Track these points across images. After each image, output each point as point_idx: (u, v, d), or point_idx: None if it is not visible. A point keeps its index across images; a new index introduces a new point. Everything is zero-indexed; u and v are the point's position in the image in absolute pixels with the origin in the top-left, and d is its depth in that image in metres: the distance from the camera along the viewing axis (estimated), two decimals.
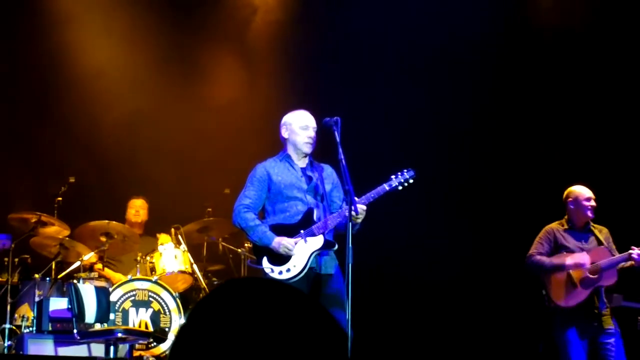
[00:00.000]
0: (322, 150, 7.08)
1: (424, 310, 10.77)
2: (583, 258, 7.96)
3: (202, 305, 1.66)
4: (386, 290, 10.77)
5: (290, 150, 7.05)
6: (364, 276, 7.08)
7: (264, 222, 6.93)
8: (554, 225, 8.27)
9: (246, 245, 10.13)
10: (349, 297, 6.24)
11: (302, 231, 6.77)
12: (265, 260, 6.83)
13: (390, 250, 10.52)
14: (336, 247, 6.74)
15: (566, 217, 8.25)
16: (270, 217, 6.95)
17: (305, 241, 6.74)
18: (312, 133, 6.96)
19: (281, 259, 6.77)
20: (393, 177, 6.81)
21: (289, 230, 6.80)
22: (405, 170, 6.84)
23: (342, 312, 6.30)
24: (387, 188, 6.77)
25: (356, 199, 6.63)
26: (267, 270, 6.78)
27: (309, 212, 6.82)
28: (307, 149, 6.98)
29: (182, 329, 1.64)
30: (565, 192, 8.30)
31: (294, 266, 6.73)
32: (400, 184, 6.78)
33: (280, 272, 6.74)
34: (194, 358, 1.58)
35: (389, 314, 10.71)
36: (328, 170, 7.05)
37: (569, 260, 7.98)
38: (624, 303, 8.22)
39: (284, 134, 7.08)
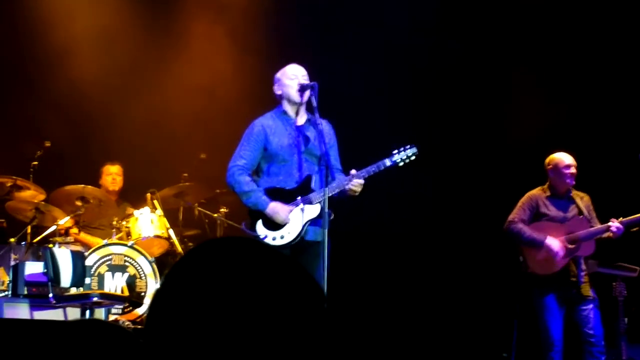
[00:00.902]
0: None
1: (403, 272, 10.79)
2: (558, 246, 8.00)
3: (180, 266, 1.66)
4: (364, 256, 10.78)
5: (286, 106, 6.99)
6: (342, 241, 7.11)
7: (258, 182, 6.90)
8: (537, 191, 8.31)
9: (222, 210, 10.16)
10: (326, 264, 6.26)
11: (299, 198, 6.77)
12: (260, 224, 6.81)
13: (370, 216, 10.56)
14: (332, 216, 6.64)
15: (548, 183, 8.31)
16: (265, 177, 6.92)
17: (303, 209, 6.75)
18: (303, 81, 6.91)
19: (276, 223, 6.76)
20: (395, 152, 6.79)
21: (286, 195, 6.79)
22: (408, 146, 6.83)
23: (319, 278, 6.29)
24: (389, 163, 6.76)
25: (354, 172, 6.64)
26: (262, 236, 6.76)
27: (308, 178, 6.80)
28: (298, 98, 6.92)
29: (159, 291, 1.64)
30: (547, 160, 8.35)
31: (289, 233, 6.73)
32: (402, 160, 6.78)
33: (274, 238, 6.73)
34: (172, 320, 1.58)
35: (366, 278, 10.73)
36: (326, 128, 6.92)
37: (549, 241, 8.02)
38: (599, 269, 8.29)
39: (277, 91, 7.02)
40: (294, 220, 6.74)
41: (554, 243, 8.01)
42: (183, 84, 11.18)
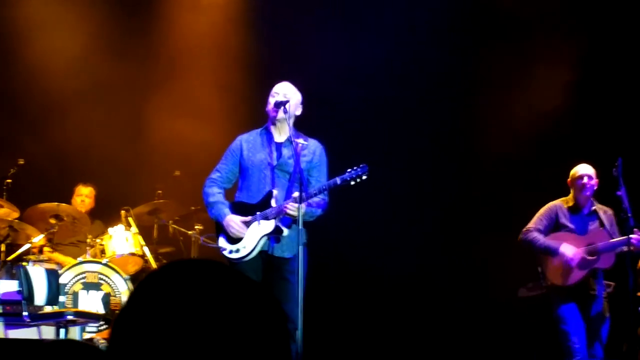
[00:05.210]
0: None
1: (384, 303, 10.78)
2: (573, 251, 7.95)
3: (143, 286, 1.67)
4: (348, 283, 10.79)
5: (271, 123, 7.09)
6: (321, 268, 7.13)
7: (235, 196, 7.03)
8: (558, 202, 8.23)
9: (196, 227, 10.15)
10: (301, 283, 6.32)
11: (258, 212, 6.83)
12: (221, 238, 6.95)
13: (352, 241, 10.58)
14: (285, 233, 6.78)
15: (570, 195, 8.26)
16: (238, 192, 7.07)
17: (259, 223, 6.80)
18: (281, 99, 6.97)
19: (235, 238, 6.87)
20: (348, 170, 6.83)
21: (248, 210, 6.89)
22: (360, 166, 6.86)
23: (291, 301, 6.34)
24: (339, 182, 6.78)
25: (296, 194, 6.66)
26: (221, 249, 6.92)
27: (269, 194, 6.86)
28: (272, 114, 6.98)
29: (123, 310, 1.66)
30: None
31: (244, 247, 6.83)
32: (352, 178, 6.78)
33: (231, 252, 6.86)
34: (135, 340, 1.60)
35: (352, 307, 10.72)
36: (311, 147, 7.03)
37: (563, 248, 7.96)
38: None
39: (267, 107, 7.14)
40: (250, 235, 6.84)
41: (568, 249, 7.93)
42: (159, 102, 11.15)
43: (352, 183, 6.77)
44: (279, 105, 6.90)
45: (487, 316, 10.29)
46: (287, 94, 6.98)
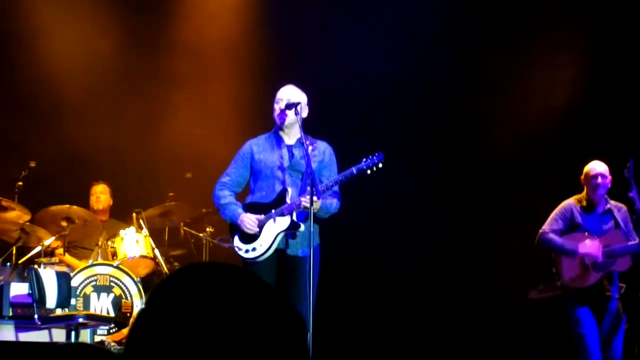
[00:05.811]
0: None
1: (398, 302, 10.76)
2: (595, 247, 7.91)
3: (160, 290, 1.66)
4: (362, 282, 10.77)
5: (278, 129, 7.10)
6: (334, 268, 7.11)
7: (246, 199, 7.03)
8: (572, 200, 8.12)
9: (208, 229, 10.14)
10: (311, 284, 6.33)
11: (273, 211, 6.82)
12: (236, 238, 6.93)
13: (366, 238, 10.57)
14: (301, 228, 6.75)
15: (584, 193, 8.14)
16: (251, 195, 7.06)
17: (274, 221, 6.79)
18: (283, 105, 6.98)
19: (250, 237, 6.85)
20: (363, 160, 6.82)
21: (262, 209, 6.88)
22: (375, 154, 6.86)
23: (303, 303, 6.34)
24: (355, 171, 6.79)
25: (308, 189, 6.66)
26: (236, 249, 6.91)
27: (283, 192, 6.86)
28: (277, 121, 7.01)
29: (140, 314, 1.65)
30: None
31: (260, 245, 6.80)
32: (368, 167, 6.77)
33: (247, 251, 6.84)
34: (152, 343, 1.58)
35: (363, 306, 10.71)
36: (321, 148, 7.06)
37: (582, 248, 7.90)
38: None
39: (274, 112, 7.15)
40: (266, 232, 6.83)
41: (589, 248, 7.86)
42: (170, 104, 11.17)
43: (369, 172, 6.78)
44: (290, 106, 6.88)
45: (491, 316, 10.25)
46: (291, 99, 6.97)
